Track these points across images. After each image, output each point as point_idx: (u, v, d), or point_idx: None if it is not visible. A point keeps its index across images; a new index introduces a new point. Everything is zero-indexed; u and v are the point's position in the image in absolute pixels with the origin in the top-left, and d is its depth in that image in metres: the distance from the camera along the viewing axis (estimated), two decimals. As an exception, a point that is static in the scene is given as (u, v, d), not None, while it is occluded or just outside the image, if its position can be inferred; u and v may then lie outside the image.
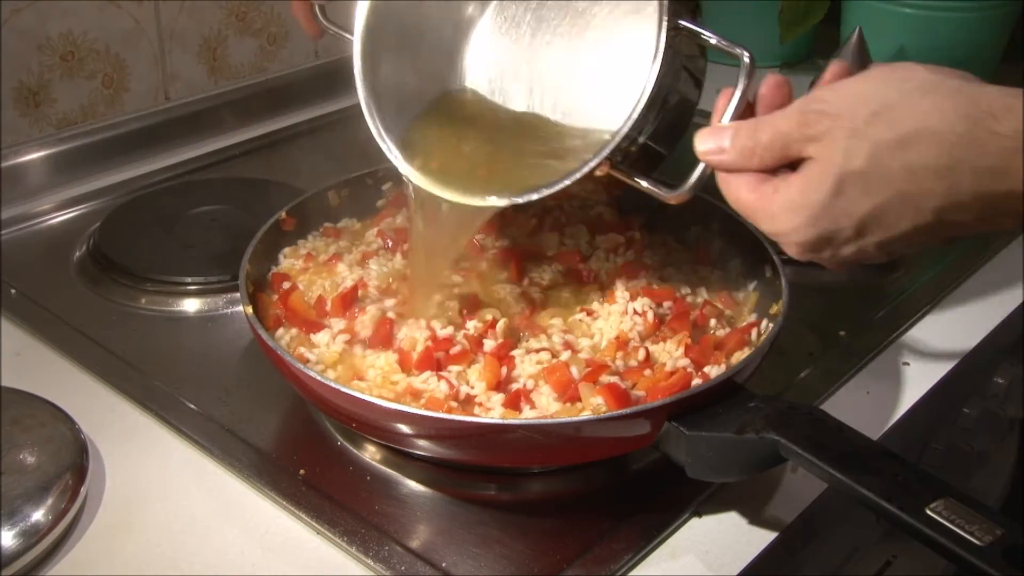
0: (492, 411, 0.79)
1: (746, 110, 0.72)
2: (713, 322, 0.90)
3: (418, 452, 0.81)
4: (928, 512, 0.64)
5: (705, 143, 0.71)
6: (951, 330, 1.05)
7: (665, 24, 0.75)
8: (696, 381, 0.81)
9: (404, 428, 0.75)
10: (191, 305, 1.05)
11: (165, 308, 1.05)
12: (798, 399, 0.88)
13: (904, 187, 0.63)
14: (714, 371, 0.83)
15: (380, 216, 1.06)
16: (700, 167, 0.73)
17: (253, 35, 1.49)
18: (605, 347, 0.87)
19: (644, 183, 0.78)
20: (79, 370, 0.95)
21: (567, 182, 0.78)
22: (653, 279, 0.95)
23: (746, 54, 0.72)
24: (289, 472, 0.82)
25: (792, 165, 0.68)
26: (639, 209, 1.08)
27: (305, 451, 0.86)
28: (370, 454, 0.85)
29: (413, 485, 0.82)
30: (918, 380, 0.97)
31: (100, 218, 1.18)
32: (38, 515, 0.74)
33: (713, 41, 0.75)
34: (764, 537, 0.78)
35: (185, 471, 0.83)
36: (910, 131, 0.63)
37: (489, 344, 0.85)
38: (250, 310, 0.84)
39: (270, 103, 1.51)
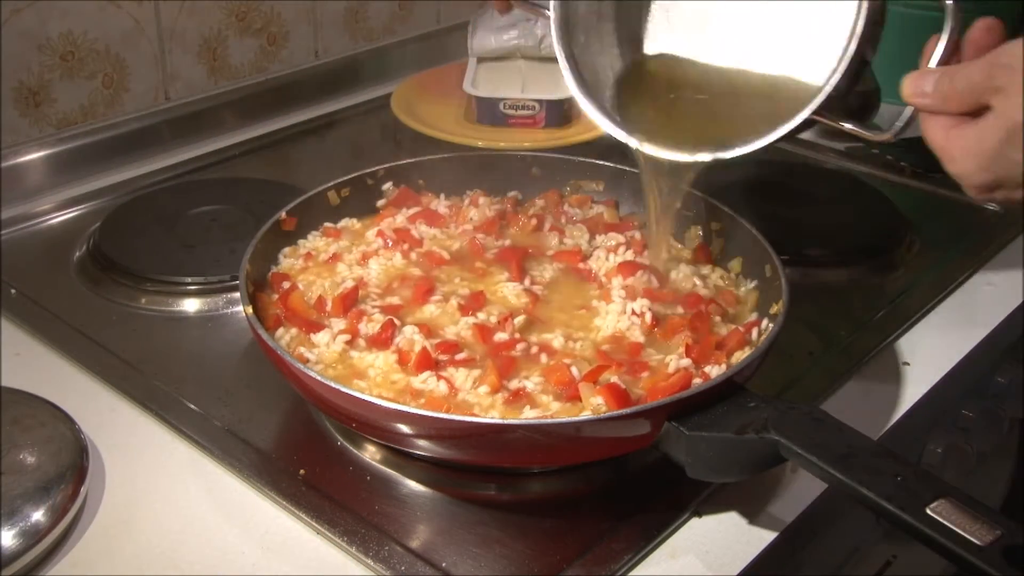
0: (492, 411, 0.80)
1: (956, 54, 0.74)
2: (717, 319, 0.91)
3: (418, 452, 0.81)
4: (928, 512, 0.64)
5: (911, 85, 0.74)
6: (951, 330, 1.05)
7: None
8: (696, 381, 0.81)
9: (404, 428, 0.75)
10: (191, 305, 1.05)
11: (165, 308, 1.05)
12: (798, 399, 0.88)
13: None
14: (714, 371, 0.83)
15: (380, 216, 1.06)
16: (906, 110, 0.75)
17: (253, 35, 1.49)
18: (600, 343, 0.87)
19: (850, 125, 0.80)
20: (79, 370, 0.95)
21: (784, 131, 0.81)
22: (652, 279, 0.95)
23: (950, 1, 0.74)
24: (289, 472, 0.82)
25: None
26: (639, 209, 1.09)
27: (305, 451, 0.86)
28: (370, 454, 0.85)
29: (413, 485, 0.82)
30: (918, 380, 0.97)
31: (100, 218, 1.18)
32: (38, 515, 0.74)
33: None
34: (764, 537, 0.78)
35: (185, 471, 0.83)
36: None
37: (501, 336, 0.86)
38: (250, 310, 0.84)
39: (270, 103, 1.51)
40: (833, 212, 1.23)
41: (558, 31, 0.92)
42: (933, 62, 0.74)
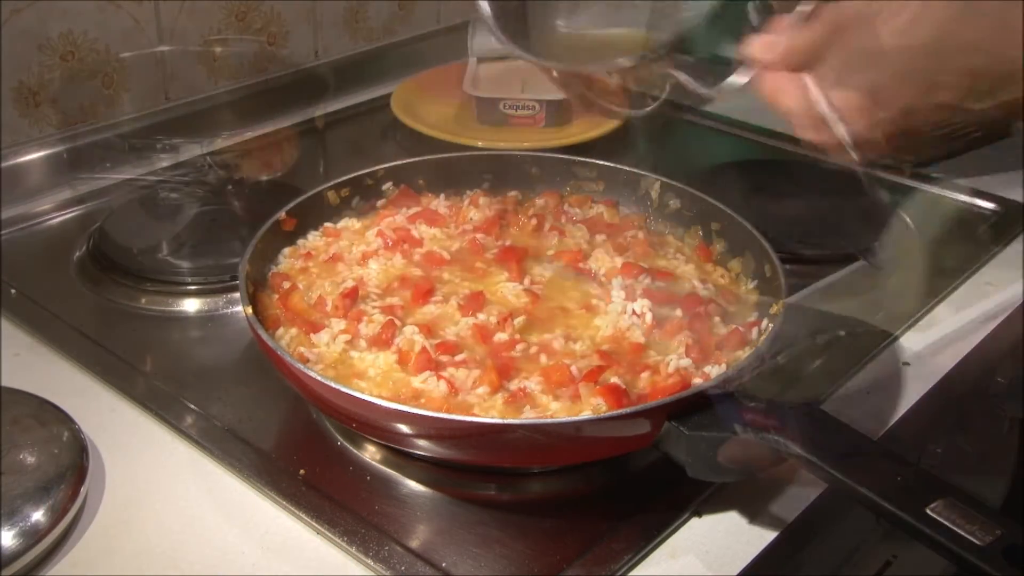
0: (492, 411, 0.79)
1: None
2: (717, 320, 0.91)
3: (418, 452, 0.81)
4: (928, 512, 0.64)
5: (761, 47, 0.77)
6: (951, 330, 1.05)
7: None
8: (696, 381, 0.81)
9: (404, 428, 0.75)
10: (191, 305, 1.05)
11: (165, 308, 1.05)
12: (798, 399, 0.88)
13: (901, 65, 0.69)
14: (714, 371, 0.83)
15: (380, 216, 1.06)
16: (736, 73, 0.78)
17: (253, 35, 1.49)
18: (600, 343, 0.87)
19: (679, 75, 0.81)
20: (79, 370, 0.95)
21: (624, 62, 0.83)
22: (653, 279, 0.95)
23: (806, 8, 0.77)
24: (289, 472, 0.82)
25: None
26: (639, 209, 1.09)
27: (305, 451, 0.86)
28: (370, 454, 0.85)
29: (413, 485, 0.82)
30: (918, 380, 0.97)
31: (100, 218, 1.18)
32: (38, 515, 0.74)
33: None
34: (764, 537, 0.78)
35: (185, 471, 0.83)
36: (916, 12, 0.68)
37: (501, 336, 0.86)
38: (250, 310, 0.84)
39: (270, 103, 1.51)
40: (833, 211, 1.23)
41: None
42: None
